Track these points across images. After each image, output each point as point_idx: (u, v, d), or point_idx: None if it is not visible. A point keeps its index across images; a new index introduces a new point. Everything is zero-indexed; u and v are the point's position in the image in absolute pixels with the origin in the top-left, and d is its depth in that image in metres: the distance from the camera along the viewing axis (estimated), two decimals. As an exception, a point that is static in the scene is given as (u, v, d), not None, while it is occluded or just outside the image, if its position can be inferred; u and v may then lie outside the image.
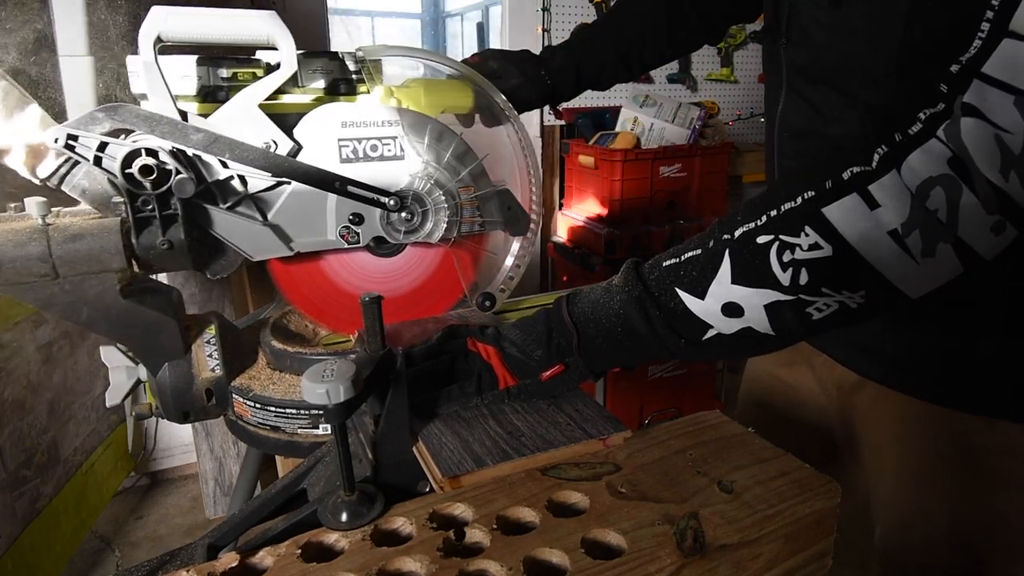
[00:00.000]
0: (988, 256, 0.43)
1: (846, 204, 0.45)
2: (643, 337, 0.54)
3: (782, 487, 0.48)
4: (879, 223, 0.44)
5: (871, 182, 0.44)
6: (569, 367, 0.57)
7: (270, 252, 0.68)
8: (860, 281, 0.46)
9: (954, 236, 0.43)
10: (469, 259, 0.81)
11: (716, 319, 0.51)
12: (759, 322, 0.50)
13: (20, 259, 0.57)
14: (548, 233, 2.57)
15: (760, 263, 0.48)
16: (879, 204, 0.44)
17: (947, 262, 0.43)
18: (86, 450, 1.82)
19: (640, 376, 2.16)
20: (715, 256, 0.50)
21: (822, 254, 0.46)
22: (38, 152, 0.59)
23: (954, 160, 0.42)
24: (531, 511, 0.46)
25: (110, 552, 1.91)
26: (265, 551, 0.44)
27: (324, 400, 0.44)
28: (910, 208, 0.43)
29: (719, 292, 0.50)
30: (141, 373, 0.73)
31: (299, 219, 0.68)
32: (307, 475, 0.58)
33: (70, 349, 1.75)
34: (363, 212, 0.68)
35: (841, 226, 0.45)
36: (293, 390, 0.69)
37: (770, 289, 0.48)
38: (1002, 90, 0.40)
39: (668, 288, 0.53)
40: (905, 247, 0.44)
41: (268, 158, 0.61)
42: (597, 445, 0.54)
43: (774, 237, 0.48)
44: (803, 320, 0.48)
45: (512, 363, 0.58)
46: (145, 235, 0.60)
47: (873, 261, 0.45)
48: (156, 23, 0.59)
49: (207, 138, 0.57)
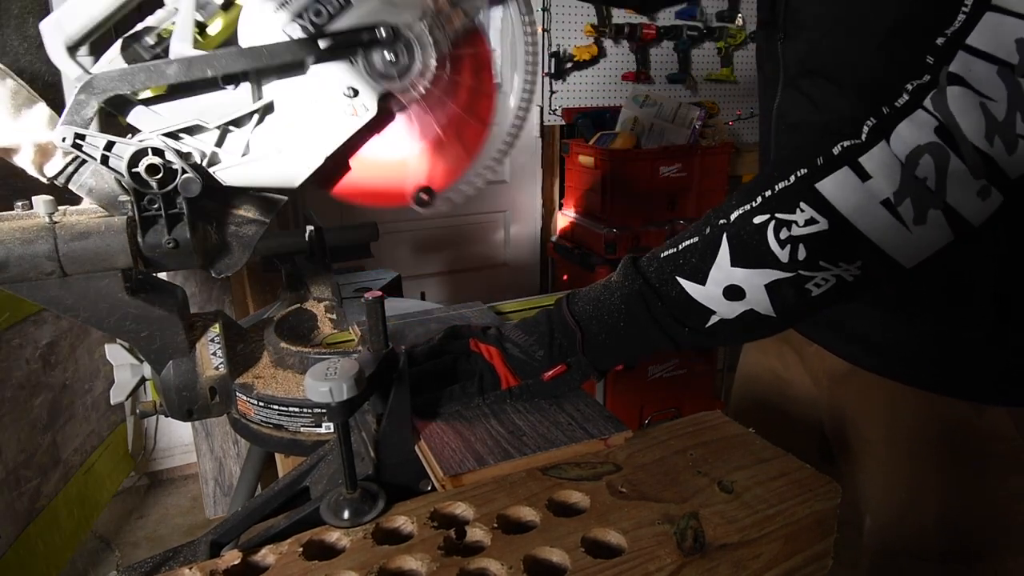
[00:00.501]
0: (976, 222, 0.44)
1: (838, 178, 0.46)
2: (647, 329, 0.55)
3: (782, 487, 0.48)
4: (872, 194, 0.45)
5: (861, 154, 0.46)
6: (571, 367, 0.57)
7: (301, 174, 0.63)
8: (856, 252, 0.47)
9: (943, 202, 0.44)
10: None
11: (718, 304, 0.52)
12: (760, 303, 0.50)
13: (27, 257, 0.57)
14: (548, 233, 2.58)
15: (758, 243, 0.49)
16: (870, 175, 0.45)
17: (938, 229, 0.45)
18: (86, 450, 1.82)
19: (640, 376, 2.16)
20: (713, 241, 0.51)
21: (818, 228, 0.47)
22: (46, 151, 0.59)
23: (941, 128, 0.43)
24: (532, 510, 0.46)
25: (110, 552, 1.91)
26: (267, 549, 0.44)
27: (327, 398, 0.44)
28: (900, 177, 0.45)
29: (719, 276, 0.51)
30: (145, 371, 0.74)
31: (302, 126, 0.62)
32: (310, 473, 0.59)
33: (70, 349, 1.76)
34: (354, 85, 0.62)
35: (835, 199, 0.46)
36: (296, 388, 0.69)
37: (769, 268, 0.49)
38: (986, 60, 0.42)
39: (668, 278, 0.53)
40: (898, 215, 0.45)
41: (244, 53, 0.57)
42: (598, 445, 0.54)
43: (770, 216, 0.49)
44: (803, 297, 0.49)
45: (514, 363, 0.58)
46: (151, 234, 0.61)
47: (868, 231, 0.46)
48: (51, 34, 0.57)
49: (183, 65, 0.55)
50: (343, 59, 0.60)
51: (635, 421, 2.20)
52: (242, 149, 0.61)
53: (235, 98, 0.59)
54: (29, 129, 0.58)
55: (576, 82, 2.48)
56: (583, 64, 2.46)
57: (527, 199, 2.54)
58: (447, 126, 0.68)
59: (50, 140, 0.57)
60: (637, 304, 0.54)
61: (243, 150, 0.61)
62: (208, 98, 0.59)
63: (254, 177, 0.62)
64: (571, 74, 2.46)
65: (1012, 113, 0.42)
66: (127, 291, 0.62)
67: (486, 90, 0.69)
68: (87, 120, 0.55)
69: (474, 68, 0.67)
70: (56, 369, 1.69)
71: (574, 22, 2.41)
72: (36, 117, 0.59)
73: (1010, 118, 0.42)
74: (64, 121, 0.55)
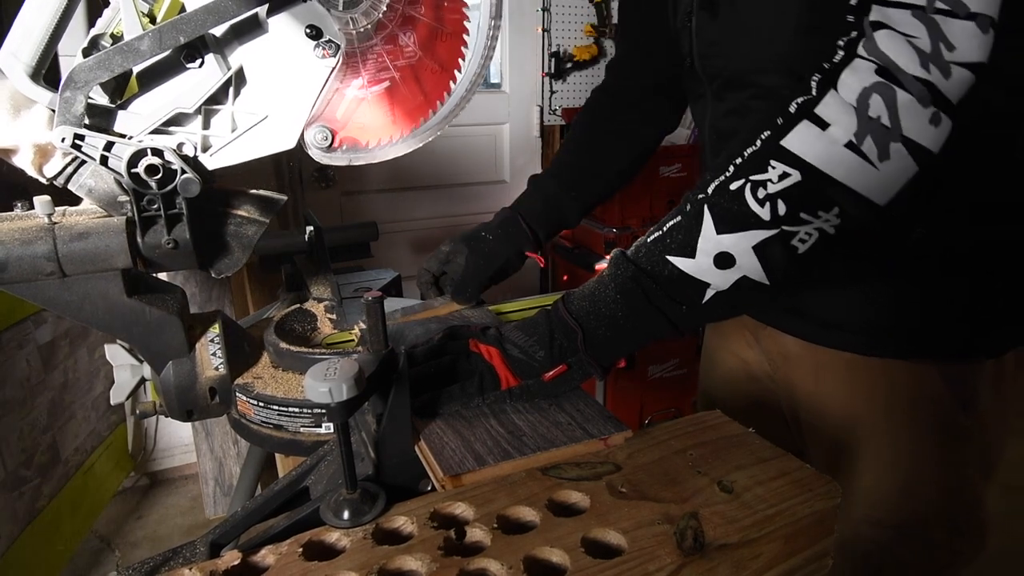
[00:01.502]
0: (935, 148, 0.48)
1: (800, 131, 0.50)
2: (645, 316, 0.56)
3: (782, 487, 0.48)
4: (834, 139, 0.49)
5: (816, 106, 0.50)
6: (572, 367, 0.58)
7: (293, 133, 0.62)
8: (832, 198, 0.50)
9: (901, 136, 0.48)
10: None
11: (711, 275, 0.53)
12: (752, 268, 0.52)
13: (26, 257, 0.57)
14: (548, 234, 2.58)
15: (739, 207, 0.52)
16: (829, 123, 0.49)
17: (902, 160, 0.48)
18: (86, 450, 1.82)
19: (640, 376, 2.16)
20: (696, 215, 0.53)
21: (792, 180, 0.50)
22: (45, 151, 0.59)
23: (880, 69, 0.48)
24: (532, 510, 0.46)
25: (110, 552, 1.91)
26: (267, 549, 0.44)
27: (327, 399, 0.44)
28: (856, 120, 0.48)
29: (708, 247, 0.53)
30: (145, 371, 0.74)
31: (279, 86, 0.61)
32: (309, 473, 0.59)
33: (70, 349, 1.76)
34: (314, 23, 0.60)
35: (802, 151, 0.50)
36: (296, 389, 0.69)
37: (753, 229, 0.51)
38: (898, 8, 0.47)
39: (659, 259, 0.55)
40: (863, 155, 0.49)
41: (209, 9, 0.55)
42: (598, 445, 0.54)
43: (745, 180, 0.52)
44: (790, 255, 0.51)
45: (514, 364, 0.59)
46: (150, 234, 0.61)
47: (838, 175, 0.49)
48: (11, 67, 0.57)
49: (155, 37, 0.54)
50: (295, 2, 0.59)
51: (635, 421, 2.20)
52: (229, 125, 0.60)
53: (205, 75, 0.59)
54: (28, 130, 0.58)
55: (576, 82, 2.48)
56: (583, 64, 2.46)
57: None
58: (404, 67, 0.66)
59: (49, 141, 0.57)
60: (633, 291, 0.55)
61: (231, 126, 0.60)
62: (179, 83, 0.59)
63: (250, 150, 0.62)
64: (571, 74, 2.46)
65: (936, 44, 0.46)
66: (126, 292, 0.62)
67: (449, 30, 0.67)
68: (79, 116, 0.55)
69: (434, 3, 0.65)
70: (56, 369, 1.69)
71: (574, 22, 2.41)
72: (35, 118, 0.59)
73: (936, 49, 0.46)
74: (59, 122, 0.55)
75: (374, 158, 0.68)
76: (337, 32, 0.60)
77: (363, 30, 0.64)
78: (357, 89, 0.66)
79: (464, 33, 0.66)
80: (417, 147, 0.69)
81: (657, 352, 2.17)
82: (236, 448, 1.99)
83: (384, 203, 2.33)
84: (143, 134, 0.58)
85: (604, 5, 2.38)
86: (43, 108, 0.58)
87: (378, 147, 0.68)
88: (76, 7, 0.59)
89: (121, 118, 0.59)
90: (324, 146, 0.66)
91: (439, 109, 0.68)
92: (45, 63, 0.58)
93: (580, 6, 2.39)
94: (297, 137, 0.62)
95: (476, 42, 0.67)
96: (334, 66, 0.61)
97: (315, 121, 0.65)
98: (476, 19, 0.67)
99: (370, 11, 0.63)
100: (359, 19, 0.63)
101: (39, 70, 0.58)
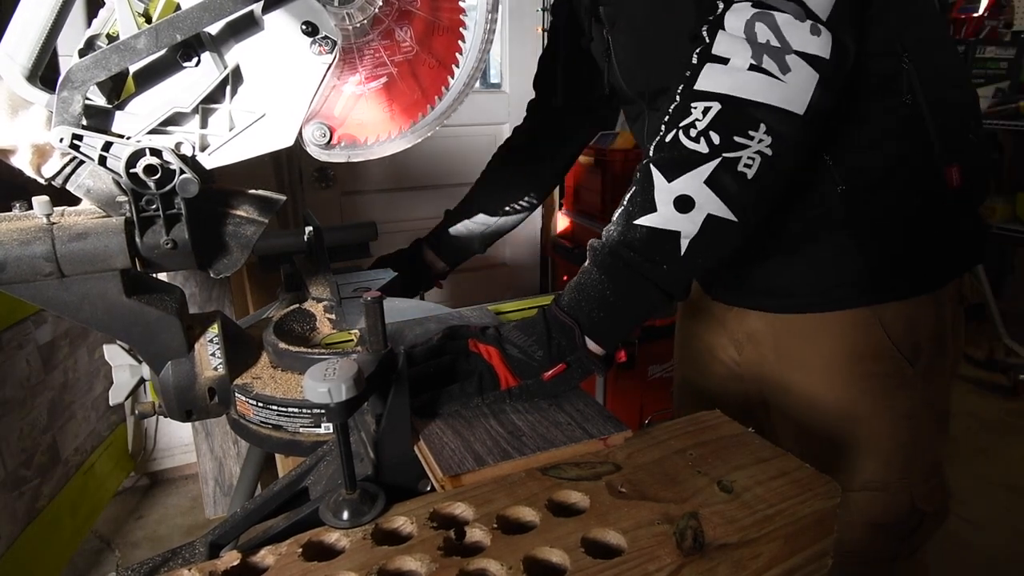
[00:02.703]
0: (824, 54, 0.56)
1: (706, 72, 0.57)
2: (631, 286, 0.58)
3: (782, 487, 0.48)
4: (736, 68, 0.56)
5: (711, 48, 0.58)
6: (571, 365, 0.58)
7: (291, 130, 0.62)
8: (754, 116, 0.56)
9: (792, 50, 0.56)
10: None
11: (677, 221, 0.57)
12: (712, 203, 0.57)
13: (25, 258, 0.57)
14: (548, 233, 2.57)
15: (678, 152, 0.57)
16: (727, 57, 0.57)
17: (802, 70, 0.56)
18: (86, 450, 1.82)
19: (640, 376, 2.16)
20: (646, 176, 0.59)
21: (715, 111, 0.56)
22: (43, 152, 0.59)
23: (755, 3, 0.56)
24: (531, 510, 0.46)
25: (110, 552, 1.91)
26: (266, 550, 0.44)
27: (326, 399, 0.44)
28: (749, 47, 0.56)
29: (664, 196, 0.57)
30: (144, 372, 0.73)
31: (277, 84, 0.61)
32: (309, 473, 0.59)
33: (70, 349, 1.76)
34: (310, 19, 0.59)
35: (714, 87, 0.57)
36: (295, 389, 0.69)
37: (697, 166, 0.56)
38: None
39: (627, 226, 0.58)
40: (766, 72, 0.56)
41: (205, 6, 0.55)
42: (597, 445, 0.54)
43: (676, 128, 0.58)
44: (742, 181, 0.56)
45: (513, 364, 0.58)
46: (149, 234, 0.61)
47: (752, 95, 0.56)
48: (8, 70, 0.56)
49: (151, 35, 0.54)
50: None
51: (635, 421, 2.20)
52: (227, 124, 0.60)
53: (202, 74, 0.59)
54: (26, 130, 0.58)
55: (575, 81, 2.48)
56: (582, 63, 2.46)
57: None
58: (401, 63, 0.66)
59: (47, 141, 0.57)
60: (613, 264, 0.58)
61: (229, 124, 0.60)
62: (176, 83, 0.59)
63: (248, 148, 0.62)
64: (570, 73, 2.46)
65: None
66: (125, 292, 0.62)
67: (446, 25, 0.67)
68: (76, 116, 0.55)
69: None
70: (56, 369, 1.69)
71: (573, 21, 2.41)
72: (33, 118, 0.58)
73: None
74: (57, 122, 0.55)
75: (373, 154, 0.68)
76: (333, 28, 0.60)
77: (359, 26, 0.64)
78: (354, 85, 0.66)
79: (461, 27, 0.66)
80: (416, 143, 0.69)
81: (657, 352, 2.17)
82: (236, 448, 1.99)
83: (383, 203, 2.33)
84: (141, 134, 0.58)
85: (603, 4, 2.39)
86: (41, 108, 0.58)
87: (377, 143, 0.67)
88: (71, 8, 0.58)
89: (119, 118, 0.58)
90: (322, 143, 0.66)
91: (437, 104, 0.68)
92: (41, 64, 0.58)
93: (580, 5, 2.39)
94: (295, 134, 0.62)
95: (473, 37, 0.67)
96: (331, 62, 0.61)
97: (313, 118, 0.65)
98: (473, 14, 0.67)
99: (366, 7, 0.63)
100: (355, 15, 0.63)
101: (35, 71, 0.58)
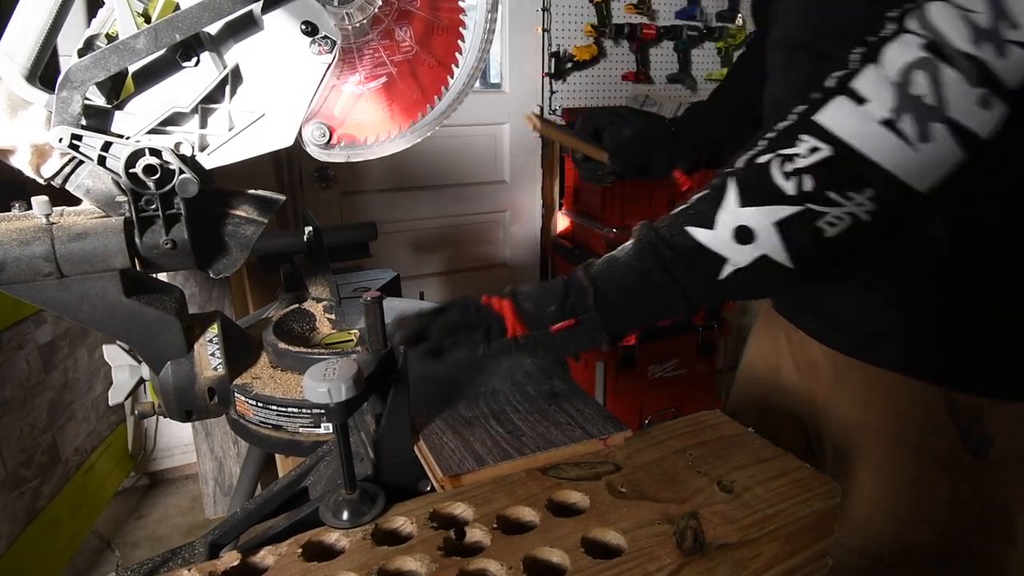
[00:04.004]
0: (983, 132, 0.44)
1: (834, 106, 0.47)
2: (659, 283, 0.54)
3: (782, 487, 0.48)
4: (869, 115, 0.46)
5: (852, 80, 0.47)
6: (581, 323, 0.55)
7: (291, 130, 0.62)
8: (863, 178, 0.46)
9: (944, 116, 0.44)
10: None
11: (729, 248, 0.51)
12: (773, 247, 0.50)
13: (24, 258, 0.57)
14: (548, 233, 2.57)
15: (763, 180, 0.49)
16: (866, 99, 0.46)
17: (945, 145, 0.45)
18: (86, 450, 1.82)
19: (640, 376, 2.16)
20: (720, 187, 0.52)
21: (821, 156, 0.47)
22: (43, 152, 0.59)
23: (928, 44, 0.44)
24: (531, 510, 0.46)
25: (110, 552, 1.91)
26: (266, 550, 0.44)
27: (326, 399, 0.44)
28: (895, 96, 0.45)
29: (727, 219, 0.51)
30: (144, 372, 0.73)
31: (276, 84, 0.61)
32: (308, 474, 0.59)
33: (70, 349, 1.76)
34: (311, 18, 0.60)
35: (834, 127, 0.47)
36: (295, 389, 0.69)
37: (777, 204, 0.49)
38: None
39: (678, 229, 0.53)
40: (900, 133, 0.45)
41: (204, 6, 0.55)
42: (597, 445, 0.54)
43: (773, 154, 0.50)
44: (816, 237, 0.49)
45: (524, 314, 0.56)
46: (148, 234, 0.61)
47: (871, 153, 0.46)
48: (7, 70, 0.56)
49: (150, 35, 0.54)
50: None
51: (635, 421, 2.20)
52: (227, 124, 0.60)
53: (201, 74, 0.58)
54: (26, 130, 0.58)
55: (576, 82, 2.48)
56: (583, 64, 2.46)
57: (527, 199, 2.54)
58: (401, 63, 0.66)
59: (47, 141, 0.57)
60: (648, 256, 0.54)
61: (228, 124, 0.60)
62: (175, 83, 0.59)
63: (248, 148, 0.61)
64: (571, 74, 2.46)
65: (996, 21, 0.43)
66: (125, 292, 0.62)
67: (445, 24, 0.66)
68: (76, 116, 0.55)
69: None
70: (56, 369, 1.69)
71: (574, 22, 2.41)
72: (32, 118, 0.58)
73: (994, 25, 0.43)
74: (56, 122, 0.55)
75: (372, 154, 0.68)
76: (333, 28, 0.60)
77: (359, 25, 0.64)
78: (354, 85, 0.66)
79: (460, 27, 0.66)
80: (416, 142, 0.69)
81: (657, 352, 2.17)
82: (236, 448, 1.99)
83: (383, 203, 2.33)
84: (140, 134, 0.58)
85: (604, 5, 2.38)
86: (41, 108, 0.58)
87: (376, 143, 0.67)
88: (70, 8, 0.58)
89: (118, 118, 0.58)
90: (322, 143, 0.66)
91: (437, 104, 0.68)
92: (41, 64, 0.58)
93: (580, 6, 2.39)
94: (295, 134, 0.62)
95: (473, 36, 0.67)
96: (330, 62, 0.61)
97: (313, 118, 0.65)
98: (473, 13, 0.67)
99: (365, 6, 0.63)
100: (355, 14, 0.63)
101: (35, 71, 0.58)
